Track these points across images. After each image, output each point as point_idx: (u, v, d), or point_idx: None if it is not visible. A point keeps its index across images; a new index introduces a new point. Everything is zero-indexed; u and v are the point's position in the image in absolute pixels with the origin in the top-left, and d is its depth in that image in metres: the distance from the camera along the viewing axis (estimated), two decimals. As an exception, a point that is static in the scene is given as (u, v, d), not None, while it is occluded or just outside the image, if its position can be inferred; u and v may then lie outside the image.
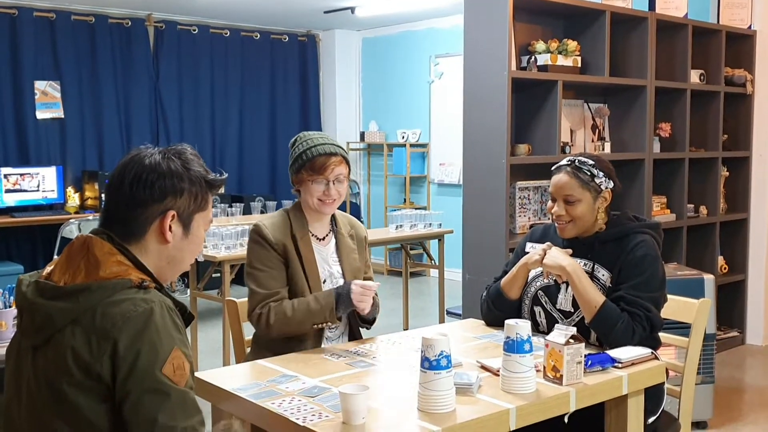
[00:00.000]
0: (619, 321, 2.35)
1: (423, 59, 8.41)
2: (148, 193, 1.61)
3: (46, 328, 1.51)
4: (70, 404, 1.49)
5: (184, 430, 1.48)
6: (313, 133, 2.66)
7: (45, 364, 1.52)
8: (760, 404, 4.37)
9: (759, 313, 5.51)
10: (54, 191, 6.96)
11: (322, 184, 2.56)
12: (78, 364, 1.47)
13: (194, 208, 1.66)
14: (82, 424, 1.49)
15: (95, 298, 1.50)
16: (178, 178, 1.63)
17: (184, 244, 1.67)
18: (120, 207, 1.63)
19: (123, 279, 1.54)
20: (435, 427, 1.78)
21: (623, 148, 4.81)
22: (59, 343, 1.49)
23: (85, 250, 1.57)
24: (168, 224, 1.62)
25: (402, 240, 5.69)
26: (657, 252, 2.49)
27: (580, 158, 2.54)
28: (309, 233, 2.64)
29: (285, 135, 8.50)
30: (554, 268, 2.47)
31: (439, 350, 1.85)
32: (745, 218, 5.51)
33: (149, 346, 1.49)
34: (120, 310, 1.50)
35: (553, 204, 2.54)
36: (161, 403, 1.47)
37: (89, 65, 7.41)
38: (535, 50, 4.28)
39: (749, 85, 5.38)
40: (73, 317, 1.49)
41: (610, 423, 2.28)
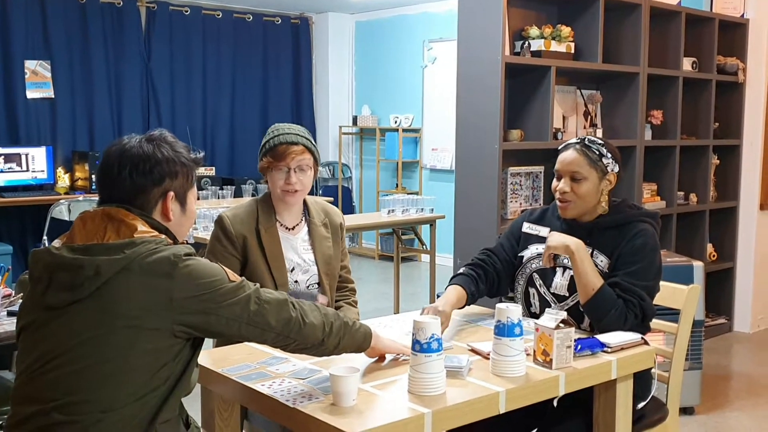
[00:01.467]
0: (613, 307, 2.36)
1: (416, 44, 8.38)
2: (149, 179, 1.78)
3: (93, 280, 1.63)
4: (122, 347, 1.62)
5: (257, 289, 1.80)
6: (283, 125, 2.68)
7: (91, 316, 1.63)
8: (746, 391, 4.41)
9: (747, 301, 5.55)
10: (44, 171, 6.92)
11: (283, 171, 2.58)
12: (136, 306, 1.63)
13: (187, 186, 1.87)
14: (132, 366, 1.63)
15: (140, 250, 1.67)
16: (171, 162, 1.81)
17: (183, 219, 1.87)
18: (122, 195, 1.77)
19: (159, 237, 1.74)
20: (425, 409, 1.78)
21: (615, 135, 4.82)
22: (108, 292, 1.63)
23: (106, 219, 1.72)
24: (170, 205, 1.82)
25: (393, 225, 5.69)
26: (656, 242, 2.50)
27: (590, 137, 2.55)
28: (276, 224, 2.66)
29: (277, 118, 8.47)
30: (559, 248, 2.45)
31: (430, 333, 1.86)
32: (734, 206, 5.54)
33: (208, 271, 1.72)
34: (171, 252, 1.70)
35: (558, 181, 2.53)
36: (242, 288, 1.76)
37: (80, 45, 7.35)
38: (529, 36, 4.27)
39: (741, 73, 5.39)
40: (122, 266, 1.64)
41: (598, 407, 2.29)
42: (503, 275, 2.67)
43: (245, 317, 1.75)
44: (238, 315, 1.74)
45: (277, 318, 1.79)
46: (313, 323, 1.85)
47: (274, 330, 1.79)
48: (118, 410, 1.64)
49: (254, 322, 1.76)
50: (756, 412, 4.07)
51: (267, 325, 1.78)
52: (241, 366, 2.09)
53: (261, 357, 2.16)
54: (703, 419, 3.96)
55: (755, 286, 5.54)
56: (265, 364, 2.11)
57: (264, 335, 1.80)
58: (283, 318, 1.80)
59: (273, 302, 1.81)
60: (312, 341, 1.86)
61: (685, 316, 2.62)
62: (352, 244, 8.88)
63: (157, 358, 1.67)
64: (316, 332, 1.85)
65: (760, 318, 5.62)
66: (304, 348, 1.87)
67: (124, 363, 1.64)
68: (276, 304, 1.81)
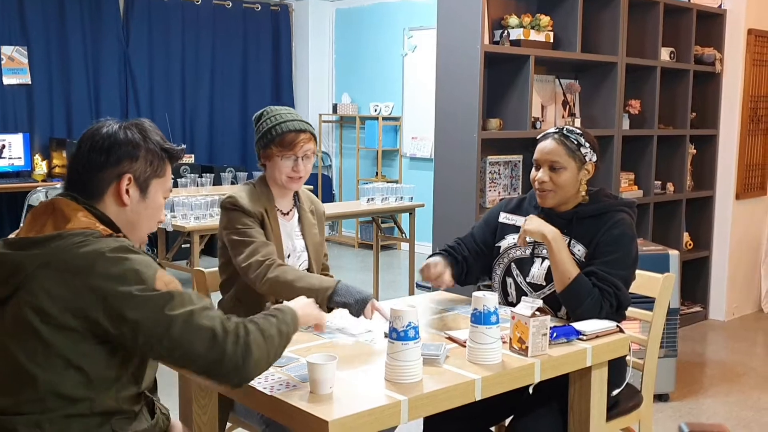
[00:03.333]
0: (589, 296, 2.37)
1: (396, 32, 8.36)
2: (104, 158, 1.69)
3: (16, 275, 1.56)
4: (43, 345, 1.54)
5: (202, 309, 1.60)
6: (280, 108, 2.63)
7: (15, 312, 1.56)
8: (720, 378, 4.47)
9: (722, 289, 5.62)
10: (21, 158, 6.86)
11: (291, 159, 2.55)
12: (55, 303, 1.53)
13: (150, 174, 1.74)
14: (54, 366, 1.55)
15: (67, 243, 1.57)
16: (133, 145, 1.72)
17: (141, 207, 1.74)
18: (79, 172, 1.70)
19: (92, 230, 1.62)
20: (402, 396, 1.80)
21: (593, 124, 4.85)
22: (30, 288, 1.54)
23: (50, 209, 1.64)
24: (124, 187, 1.70)
25: (373, 213, 5.70)
26: (634, 231, 2.51)
27: (568, 127, 2.56)
28: (275, 208, 2.64)
29: (256, 105, 8.40)
30: (535, 234, 2.46)
31: (407, 321, 1.87)
32: (710, 196, 5.60)
33: (132, 273, 1.57)
34: (94, 248, 1.57)
35: (537, 171, 2.54)
36: (167, 302, 1.57)
37: (57, 31, 7.27)
38: (508, 24, 4.28)
39: (718, 63, 5.44)
40: (44, 261, 1.55)
41: (573, 394, 2.32)
42: (472, 264, 2.68)
43: (165, 339, 1.56)
44: (157, 333, 1.56)
45: (208, 348, 1.58)
46: (257, 360, 1.64)
47: (203, 362, 1.59)
48: (53, 412, 1.56)
49: (176, 346, 1.57)
50: (729, 399, 4.13)
51: (193, 353, 1.58)
52: (219, 354, 2.09)
53: (239, 345, 2.16)
54: (678, 406, 4.01)
55: (730, 274, 5.61)
56: (243, 352, 2.11)
57: (189, 365, 1.61)
58: (216, 351, 1.58)
59: (206, 330, 1.58)
60: (246, 379, 1.66)
61: (660, 305, 2.66)
62: (331, 233, 8.88)
63: (82, 358, 1.57)
64: (259, 368, 1.67)
65: (734, 306, 5.69)
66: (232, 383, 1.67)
67: (46, 364, 1.55)
68: (210, 333, 1.58)
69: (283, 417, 1.81)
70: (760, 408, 4.00)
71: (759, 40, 5.50)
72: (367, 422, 1.73)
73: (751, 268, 5.82)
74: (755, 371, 4.58)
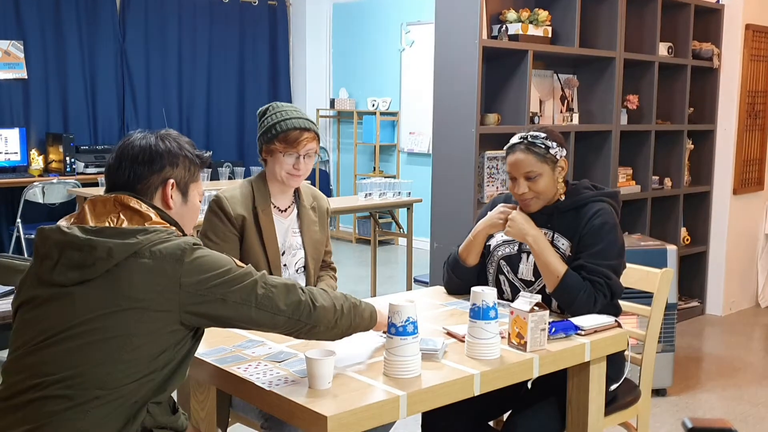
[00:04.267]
0: (581, 290, 2.38)
1: (394, 27, 8.35)
2: (148, 168, 1.83)
3: (106, 260, 1.67)
4: (126, 327, 1.65)
5: (264, 275, 1.83)
6: (285, 104, 2.63)
7: (98, 295, 1.66)
8: (717, 373, 4.48)
9: (719, 284, 5.63)
10: (17, 153, 6.83)
11: (293, 157, 2.55)
12: (144, 289, 1.66)
13: (189, 178, 1.90)
14: (133, 347, 1.66)
15: (152, 237, 1.71)
16: (172, 153, 1.86)
17: (184, 210, 1.90)
18: (125, 184, 1.81)
19: (171, 229, 1.78)
20: (400, 391, 1.80)
21: (591, 119, 4.85)
22: (118, 274, 1.67)
23: (119, 205, 1.77)
24: (169, 192, 1.85)
25: (371, 208, 5.69)
26: (615, 220, 2.51)
27: (531, 133, 2.53)
28: (271, 205, 2.63)
29: (253, 101, 8.42)
30: (517, 236, 2.49)
31: (405, 316, 1.87)
32: (708, 191, 5.60)
33: (215, 258, 1.76)
34: (181, 240, 1.74)
35: (514, 183, 2.54)
36: (247, 275, 1.78)
37: (53, 25, 7.23)
38: (506, 19, 4.27)
39: (716, 59, 5.44)
40: (134, 250, 1.68)
41: (572, 389, 2.32)
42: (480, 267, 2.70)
43: (254, 301, 1.76)
44: (246, 299, 1.76)
45: (286, 301, 1.80)
46: (324, 306, 1.86)
47: (284, 314, 1.80)
48: (114, 390, 1.65)
49: (263, 305, 1.77)
50: (726, 394, 4.14)
51: (276, 308, 1.79)
52: (217, 349, 2.09)
53: (237, 340, 2.16)
54: (675, 400, 4.02)
55: (727, 269, 5.61)
56: (241, 347, 2.11)
57: (275, 319, 1.80)
58: (292, 301, 1.81)
59: (280, 286, 1.82)
60: (324, 324, 1.86)
61: (658, 300, 2.66)
62: (329, 228, 8.86)
63: (159, 342, 1.69)
64: (328, 315, 1.86)
65: (731, 301, 5.70)
66: (318, 332, 1.87)
67: (126, 342, 1.65)
68: (283, 287, 1.82)
69: (281, 412, 1.80)
70: (756, 402, 4.01)
71: (756, 35, 5.50)
72: (366, 417, 1.73)
73: (748, 263, 5.83)
74: (752, 366, 4.59)
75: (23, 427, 1.62)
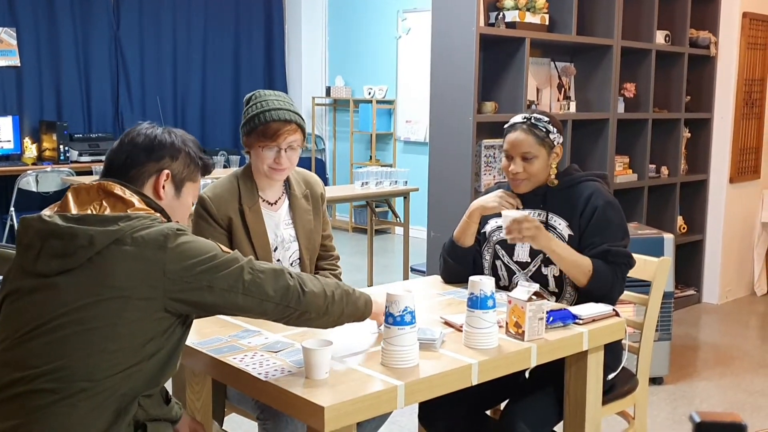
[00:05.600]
0: (613, 278, 2.42)
1: (390, 14, 8.31)
2: (146, 155, 1.81)
3: (88, 248, 1.63)
4: (110, 316, 1.62)
5: (251, 260, 1.78)
6: (269, 93, 2.51)
7: (80, 284, 1.63)
8: (714, 361, 4.49)
9: (715, 273, 5.63)
10: (10, 142, 6.80)
11: (273, 151, 2.45)
12: (127, 277, 1.63)
13: (186, 175, 1.87)
14: (118, 336, 1.62)
15: (134, 224, 1.67)
16: (175, 147, 1.85)
17: (174, 204, 1.86)
18: (121, 163, 1.80)
19: (153, 215, 1.73)
20: (398, 381, 1.78)
21: (588, 107, 4.83)
22: (100, 263, 1.64)
23: (102, 192, 1.73)
24: (162, 181, 1.82)
25: (367, 197, 5.68)
26: (611, 197, 2.54)
27: (535, 115, 2.55)
28: (259, 200, 2.55)
29: (249, 89, 8.29)
30: (541, 247, 2.42)
31: (403, 306, 1.86)
32: (704, 179, 5.59)
33: (200, 244, 1.72)
34: (164, 226, 1.70)
35: (509, 162, 2.54)
36: (233, 260, 1.74)
37: (47, 12, 7.19)
38: (504, 6, 4.25)
39: (713, 47, 5.42)
40: (115, 237, 1.64)
41: (570, 378, 2.32)
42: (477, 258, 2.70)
43: (240, 287, 1.72)
44: (233, 286, 1.72)
45: (275, 287, 1.76)
46: (314, 291, 1.82)
47: (273, 299, 1.76)
48: (101, 381, 1.62)
49: (251, 291, 1.73)
50: (723, 382, 4.14)
51: (264, 294, 1.75)
52: (213, 339, 2.07)
53: (233, 330, 2.15)
54: (672, 389, 4.02)
55: (724, 258, 5.62)
56: (237, 337, 2.09)
57: (263, 305, 1.76)
58: (280, 286, 1.77)
59: (268, 271, 1.78)
60: (315, 310, 1.82)
61: (656, 288, 2.65)
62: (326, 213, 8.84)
63: (144, 330, 1.65)
64: (318, 300, 1.82)
65: (728, 290, 5.70)
66: (308, 318, 1.83)
67: (111, 332, 1.62)
68: (271, 272, 1.78)
69: (278, 403, 1.79)
70: (753, 391, 4.02)
71: (754, 23, 5.48)
72: (363, 407, 1.72)
73: (745, 251, 5.83)
74: (748, 354, 4.60)
75: (11, 421, 1.60)
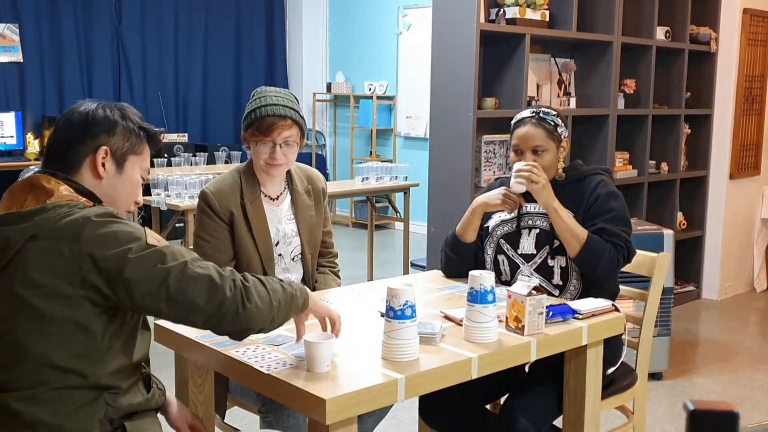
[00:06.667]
0: (606, 251, 2.41)
1: (391, 10, 8.31)
2: (81, 133, 1.71)
3: (6, 250, 1.57)
4: (36, 317, 1.56)
5: (195, 260, 1.63)
6: (271, 89, 2.52)
7: (6, 285, 1.57)
8: (713, 356, 4.50)
9: (715, 269, 5.64)
10: (13, 137, 6.81)
11: (268, 146, 2.46)
12: (47, 273, 1.55)
13: (128, 149, 1.76)
14: (47, 337, 1.57)
15: (52, 215, 1.58)
16: (111, 122, 1.74)
17: (117, 182, 1.75)
18: (57, 146, 1.72)
19: (76, 201, 1.63)
20: (398, 375, 1.80)
21: (588, 103, 4.84)
22: (20, 261, 1.56)
23: (29, 186, 1.64)
24: (100, 159, 1.72)
25: (367, 192, 5.69)
26: (616, 189, 2.56)
27: (543, 109, 2.57)
28: (261, 195, 2.57)
29: (250, 84, 8.37)
30: (543, 201, 2.46)
31: (404, 300, 1.87)
32: (704, 175, 5.60)
33: (122, 233, 1.59)
34: (81, 215, 1.59)
35: (518, 157, 2.55)
36: (161, 257, 1.59)
37: (49, 8, 7.20)
38: (504, 3, 4.26)
39: (713, 43, 5.42)
40: (31, 233, 1.57)
41: (569, 373, 2.33)
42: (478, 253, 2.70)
43: (163, 293, 1.58)
44: (154, 290, 1.58)
45: (207, 297, 1.60)
46: (258, 306, 1.66)
47: (204, 311, 1.61)
48: (47, 384, 1.58)
49: (174, 300, 1.59)
50: (722, 377, 4.16)
51: (192, 303, 1.60)
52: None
53: (235, 324, 2.16)
54: (671, 384, 4.04)
55: (723, 254, 5.63)
56: (240, 331, 2.11)
57: (190, 316, 1.62)
58: (215, 298, 1.60)
59: (202, 278, 1.60)
60: (256, 325, 1.67)
61: (655, 284, 2.66)
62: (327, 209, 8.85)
63: (76, 327, 1.58)
64: (261, 316, 1.67)
65: (727, 285, 5.72)
66: (245, 331, 1.69)
67: (39, 334, 1.56)
68: (206, 280, 1.60)
69: (280, 396, 1.81)
70: (752, 386, 4.03)
71: (754, 19, 5.49)
72: (364, 400, 1.73)
73: (744, 247, 5.85)
74: (748, 350, 4.62)
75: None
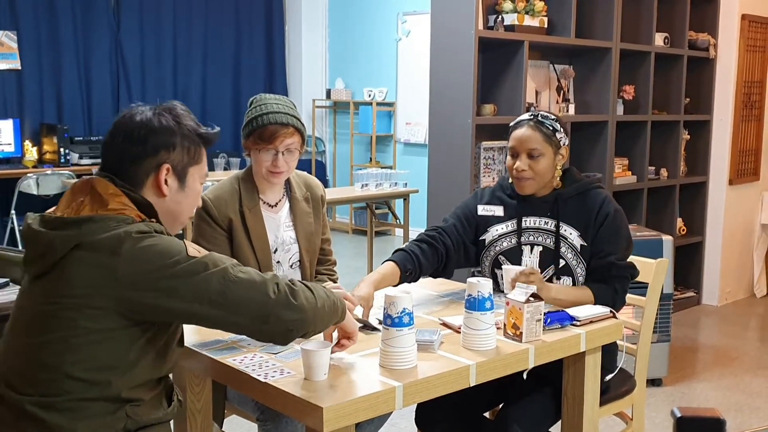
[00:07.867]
0: (615, 295, 2.47)
1: (391, 17, 8.32)
2: (141, 149, 1.67)
3: (49, 255, 1.58)
4: (68, 325, 1.56)
5: (234, 265, 1.62)
6: (270, 97, 2.52)
7: (47, 289, 1.58)
8: (713, 362, 4.50)
9: (715, 274, 5.64)
10: (11, 145, 6.81)
11: (270, 153, 2.45)
12: (86, 284, 1.56)
13: (188, 162, 1.74)
14: (76, 347, 1.56)
15: (98, 227, 1.58)
16: (169, 133, 1.69)
17: (180, 197, 1.74)
18: (116, 163, 1.68)
19: (126, 216, 1.62)
20: (396, 382, 1.79)
21: (587, 109, 4.84)
22: (63, 268, 1.57)
23: (88, 188, 1.64)
24: (163, 178, 1.69)
25: (367, 199, 5.69)
26: (617, 204, 2.56)
27: (542, 113, 2.55)
28: (260, 202, 2.56)
29: (249, 91, 8.37)
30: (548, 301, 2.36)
31: (401, 307, 1.86)
32: (704, 181, 5.60)
33: (162, 248, 1.58)
34: (124, 230, 1.58)
35: (514, 160, 2.52)
36: (203, 267, 1.58)
37: (47, 15, 7.20)
38: (503, 9, 4.26)
39: (712, 49, 5.43)
40: (75, 243, 1.56)
41: (567, 380, 2.32)
42: (453, 256, 2.61)
43: (206, 297, 1.58)
44: (197, 295, 1.58)
45: (249, 299, 1.60)
46: (304, 307, 1.66)
47: (247, 314, 1.62)
48: (68, 394, 1.58)
49: (218, 303, 1.59)
50: (722, 383, 4.15)
51: (234, 306, 1.60)
52: (213, 341, 2.08)
53: (232, 331, 2.15)
54: (670, 390, 4.03)
55: (723, 260, 5.62)
56: (237, 338, 2.10)
57: (232, 318, 1.62)
58: (258, 300, 1.61)
59: (244, 281, 1.61)
60: (295, 327, 1.66)
61: (653, 290, 2.66)
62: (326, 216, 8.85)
63: (104, 339, 1.58)
64: (306, 317, 1.66)
65: (727, 291, 5.71)
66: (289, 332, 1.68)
67: (65, 344, 1.57)
68: (248, 283, 1.61)
69: (277, 404, 1.80)
70: (752, 392, 4.03)
71: (752, 25, 5.49)
72: (362, 408, 1.72)
73: (744, 253, 5.84)
74: (747, 356, 4.61)
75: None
